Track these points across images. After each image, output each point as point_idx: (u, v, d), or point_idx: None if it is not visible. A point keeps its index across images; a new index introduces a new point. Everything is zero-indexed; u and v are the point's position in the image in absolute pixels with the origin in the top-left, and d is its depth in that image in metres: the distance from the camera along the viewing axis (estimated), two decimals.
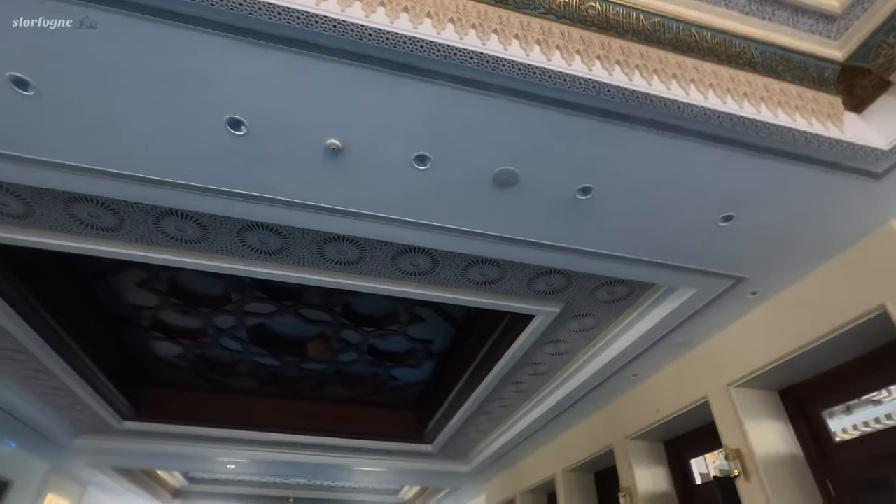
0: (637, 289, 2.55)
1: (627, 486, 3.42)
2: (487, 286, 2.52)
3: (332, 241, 2.20)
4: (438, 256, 2.31)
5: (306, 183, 1.75)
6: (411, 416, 5.20)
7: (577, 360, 3.25)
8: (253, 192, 1.79)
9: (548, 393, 3.68)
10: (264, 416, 4.91)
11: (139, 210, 2.05)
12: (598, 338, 3.01)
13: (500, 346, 3.23)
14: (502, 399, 3.97)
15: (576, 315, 2.78)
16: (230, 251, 2.29)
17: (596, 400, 3.67)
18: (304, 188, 1.77)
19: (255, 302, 3.37)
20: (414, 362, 4.20)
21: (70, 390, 3.85)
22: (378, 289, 2.49)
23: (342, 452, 5.36)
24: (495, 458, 5.22)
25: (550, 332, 2.95)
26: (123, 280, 3.19)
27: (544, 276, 2.44)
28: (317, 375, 4.51)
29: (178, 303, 3.38)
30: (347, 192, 1.78)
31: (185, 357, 4.14)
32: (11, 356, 3.29)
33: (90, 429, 4.71)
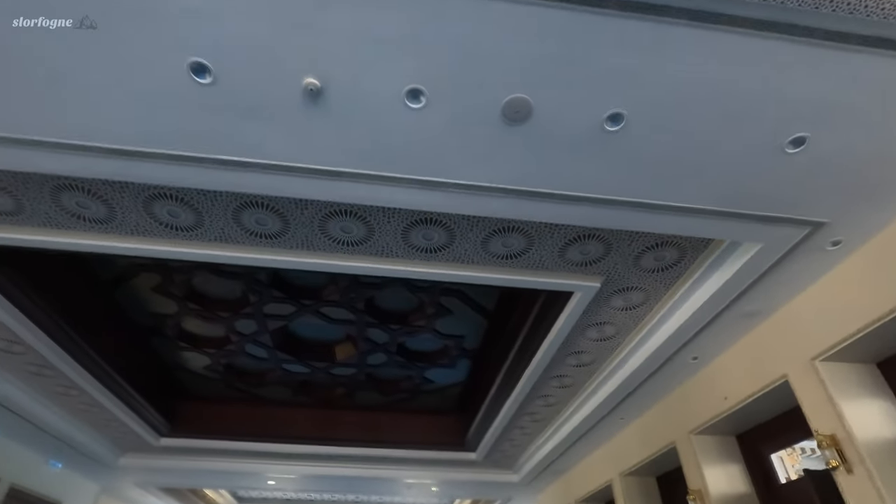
0: (689, 250, 2.19)
1: (697, 489, 2.98)
2: (513, 260, 2.23)
3: (333, 216, 1.99)
4: (453, 227, 2.04)
5: (290, 139, 1.54)
6: (451, 421, 4.89)
7: (626, 344, 2.87)
8: (235, 156, 1.59)
9: (596, 386, 3.30)
10: (299, 428, 4.74)
11: (127, 195, 1.91)
12: (649, 316, 2.64)
13: (536, 334, 2.90)
14: (545, 397, 3.62)
15: (620, 289, 2.43)
16: (228, 237, 2.11)
17: (651, 391, 3.26)
18: (288, 146, 1.56)
19: (274, 303, 3.20)
20: (447, 361, 3.92)
21: (102, 406, 3.82)
22: (391, 270, 2.25)
23: (383, 464, 5.12)
24: (545, 465, 4.82)
25: (592, 313, 2.61)
26: (140, 286, 3.10)
27: (578, 242, 2.12)
28: (348, 381, 4.31)
29: (197, 308, 3.26)
30: (335, 146, 1.55)
31: (214, 368, 4.03)
32: (39, 371, 3.27)
33: (131, 447, 4.69)
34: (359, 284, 3.02)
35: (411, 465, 5.06)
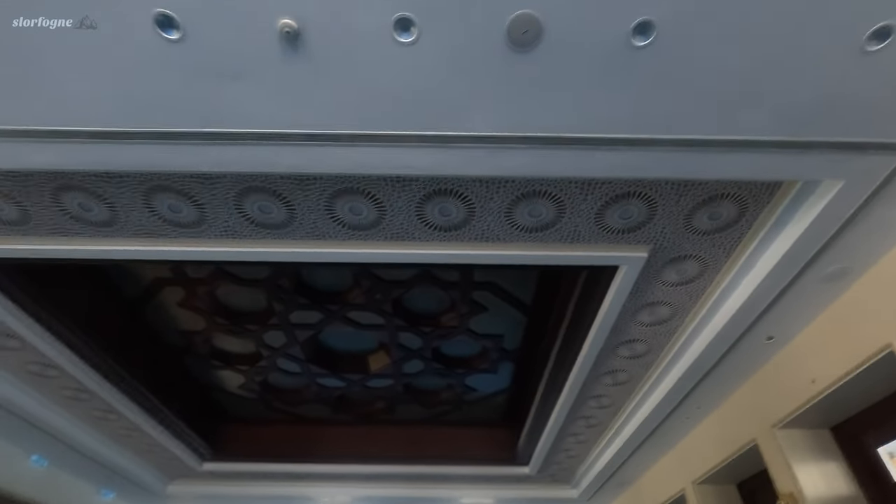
0: (750, 203, 1.86)
1: (788, 492, 2.54)
2: (543, 232, 1.97)
3: (339, 195, 1.82)
4: (471, 197, 1.82)
5: (274, 100, 1.38)
6: (499, 433, 4.57)
7: (686, 327, 2.52)
8: (219, 127, 1.46)
9: (655, 380, 2.93)
10: (342, 446, 4.56)
11: (125, 190, 1.81)
12: (709, 290, 2.30)
13: (580, 323, 2.60)
14: (598, 397, 3.27)
15: (671, 259, 2.12)
16: (234, 231, 1.98)
17: (721, 382, 2.85)
18: (273, 108, 1.41)
19: (300, 310, 3.07)
20: (487, 365, 3.65)
21: (142, 431, 3.78)
22: (409, 256, 2.05)
23: (432, 483, 4.86)
24: (606, 477, 4.39)
25: (642, 292, 2.30)
26: (166, 302, 3.05)
27: (616, 203, 1.85)
28: (386, 394, 4.10)
29: (224, 322, 3.18)
30: (324, 101, 1.39)
31: (249, 387, 3.94)
32: (75, 396, 3.26)
33: (177, 474, 4.65)
34: (382, 284, 2.84)
35: (461, 483, 4.76)
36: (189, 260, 2.09)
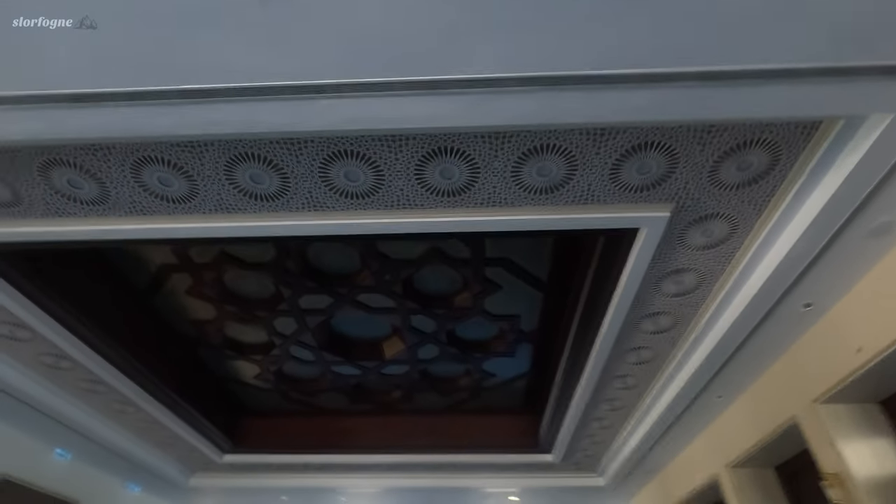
0: (783, 149, 1.67)
1: (833, 472, 2.34)
2: (554, 193, 1.83)
3: (333, 160, 1.71)
4: (474, 155, 1.69)
5: (251, 45, 1.28)
6: (521, 420, 4.44)
7: (714, 295, 2.34)
8: (195, 83, 1.36)
9: (682, 357, 2.75)
10: (362, 437, 4.50)
11: (113, 163, 1.74)
12: (739, 253, 2.11)
13: (599, 296, 2.44)
14: (622, 377, 3.10)
15: (697, 219, 1.94)
16: (228, 205, 1.89)
17: (755, 356, 2.65)
18: (251, 55, 1.30)
19: (308, 294, 2.99)
20: (504, 348, 3.51)
21: (161, 424, 3.78)
22: (412, 225, 1.92)
23: (453, 472, 4.76)
24: (634, 464, 4.22)
25: (665, 258, 2.13)
26: (175, 290, 3.00)
27: (633, 156, 1.69)
28: (403, 382, 4.01)
29: (234, 310, 3.12)
30: (302, 43, 1.27)
31: (264, 377, 3.89)
32: (92, 388, 3.26)
33: (199, 466, 4.67)
34: (391, 263, 2.73)
35: (484, 472, 4.65)
36: (185, 238, 2.01)
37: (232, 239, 2.04)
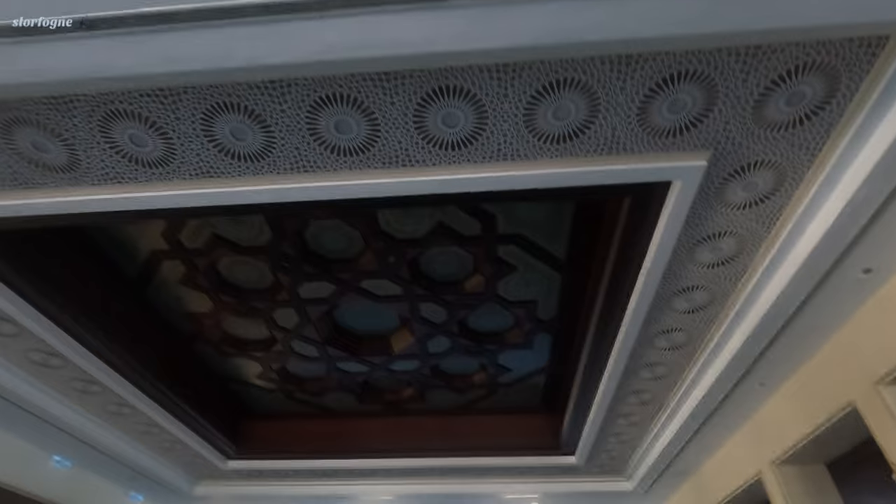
0: (844, 72, 1.42)
1: None
2: (574, 142, 1.60)
3: (321, 107, 1.51)
4: (480, 96, 1.48)
5: None
6: (540, 420, 4.16)
7: (757, 264, 2.07)
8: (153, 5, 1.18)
9: (720, 338, 2.48)
10: (373, 441, 4.25)
11: (79, 119, 1.56)
12: (787, 211, 1.85)
13: (625, 271, 2.20)
14: (651, 366, 2.83)
15: (738, 169, 1.70)
16: (209, 167, 1.71)
17: (804, 333, 2.36)
18: None
19: (308, 282, 2.79)
20: (521, 339, 3.26)
21: (161, 427, 3.60)
22: (413, 185, 1.71)
23: (471, 477, 4.50)
24: (665, 465, 3.90)
25: (701, 220, 1.89)
26: (167, 279, 2.83)
27: (663, 90, 1.46)
28: (414, 379, 3.78)
29: (230, 300, 2.94)
30: None
31: (267, 376, 3.69)
32: (85, 388, 3.09)
33: (203, 474, 4.47)
34: (395, 243, 2.52)
35: (502, 476, 4.37)
36: (165, 208, 1.83)
37: (216, 209, 1.85)
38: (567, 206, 2.36)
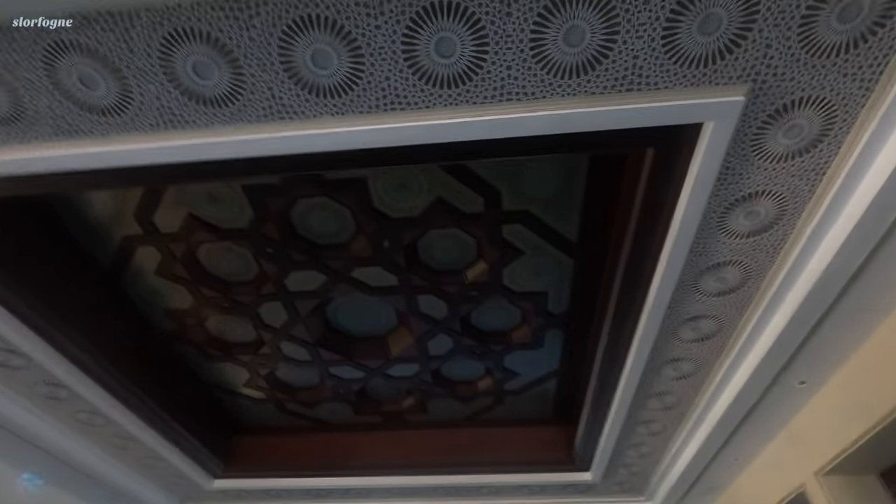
0: None
1: None
2: (589, 74, 1.38)
3: (295, 33, 1.30)
4: (478, 14, 1.27)
5: None
6: (553, 432, 3.83)
7: (802, 228, 1.81)
8: None
9: (755, 325, 2.19)
10: (374, 456, 3.93)
11: (20, 53, 1.36)
12: (836, 160, 1.60)
13: (647, 245, 1.95)
14: (675, 362, 2.54)
15: (779, 109, 1.46)
16: (171, 114, 1.49)
17: (855, 316, 2.07)
18: None
19: (296, 270, 2.55)
20: (530, 338, 2.98)
21: (138, 440, 3.31)
22: (404, 131, 1.49)
23: (479, 497, 4.13)
24: (692, 481, 3.54)
25: (735, 176, 1.65)
26: (142, 269, 2.60)
27: (693, 3, 1.24)
28: (414, 386, 3.49)
29: (213, 295, 2.70)
30: None
31: (256, 383, 3.42)
32: (53, 393, 2.82)
33: (187, 495, 4.14)
34: (389, 224, 2.29)
35: (509, 496, 4.01)
36: (124, 167, 1.61)
37: (181, 169, 1.63)
38: (578, 178, 2.12)
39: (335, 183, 2.14)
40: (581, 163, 2.05)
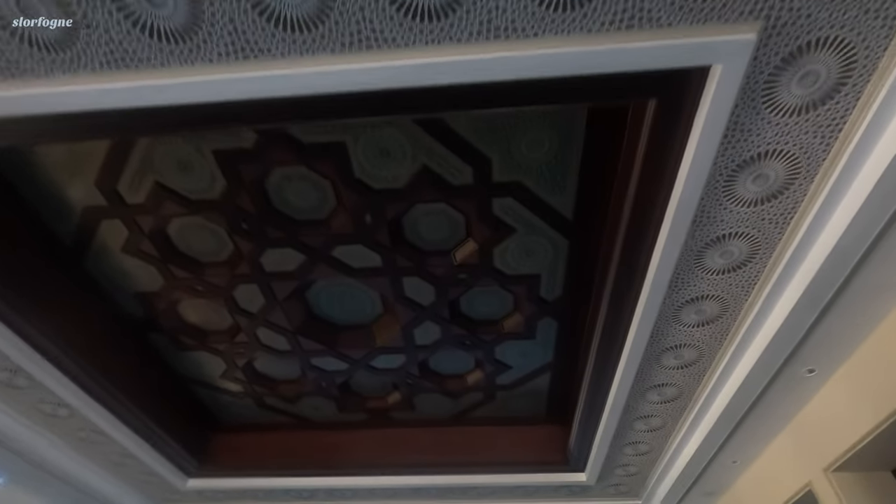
0: None
1: None
2: (586, 7, 1.25)
3: None
4: None
5: None
6: (546, 431, 3.66)
7: (815, 193, 1.67)
8: None
9: (763, 305, 2.04)
10: (358, 455, 3.74)
11: None
12: (856, 111, 1.47)
13: (647, 214, 1.81)
14: (676, 348, 2.39)
15: (792, 52, 1.33)
16: (122, 51, 1.34)
17: (870, 295, 1.93)
18: None
19: (272, 248, 2.39)
20: (522, 327, 2.83)
21: (106, 435, 3.11)
22: (378, 73, 1.35)
23: (469, 498, 3.94)
24: (690, 482, 3.37)
25: (743, 131, 1.51)
26: (108, 247, 2.43)
27: None
28: (400, 380, 3.31)
29: (185, 275, 2.53)
30: None
31: (233, 375, 3.23)
32: (10, 381, 2.63)
33: (160, 496, 3.92)
34: (372, 196, 2.14)
35: (500, 498, 3.82)
36: (71, 114, 1.46)
37: (134, 115, 1.48)
38: (574, 144, 1.98)
39: (312, 148, 1.99)
40: (577, 127, 1.91)
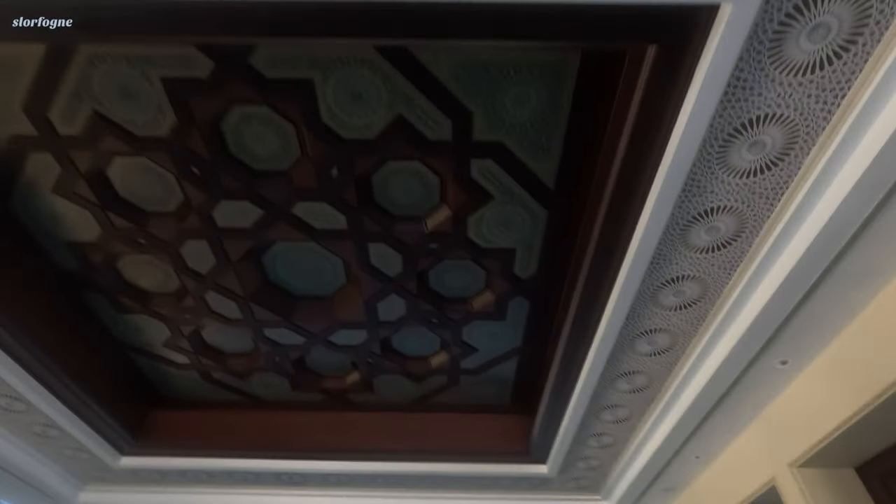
0: None
1: None
2: None
3: None
4: None
5: None
6: (510, 421, 3.54)
7: (816, 159, 1.59)
8: None
9: (744, 286, 1.96)
10: (310, 438, 3.52)
11: None
12: (867, 68, 1.38)
13: (636, 181, 1.69)
14: (651, 334, 2.30)
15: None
16: None
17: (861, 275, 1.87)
18: None
19: (227, 200, 2.17)
20: (491, 306, 2.68)
21: (28, 403, 2.81)
22: None
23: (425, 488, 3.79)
24: (652, 479, 3.32)
25: (746, 89, 1.40)
26: (39, 188, 2.15)
27: None
28: (359, 358, 3.12)
29: (126, 225, 2.28)
30: None
31: (178, 344, 2.97)
32: None
33: (91, 475, 3.61)
34: (339, 145, 1.95)
35: (459, 488, 3.68)
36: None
37: None
38: (562, 103, 1.84)
39: (276, 84, 1.79)
40: (566, 86, 1.78)
